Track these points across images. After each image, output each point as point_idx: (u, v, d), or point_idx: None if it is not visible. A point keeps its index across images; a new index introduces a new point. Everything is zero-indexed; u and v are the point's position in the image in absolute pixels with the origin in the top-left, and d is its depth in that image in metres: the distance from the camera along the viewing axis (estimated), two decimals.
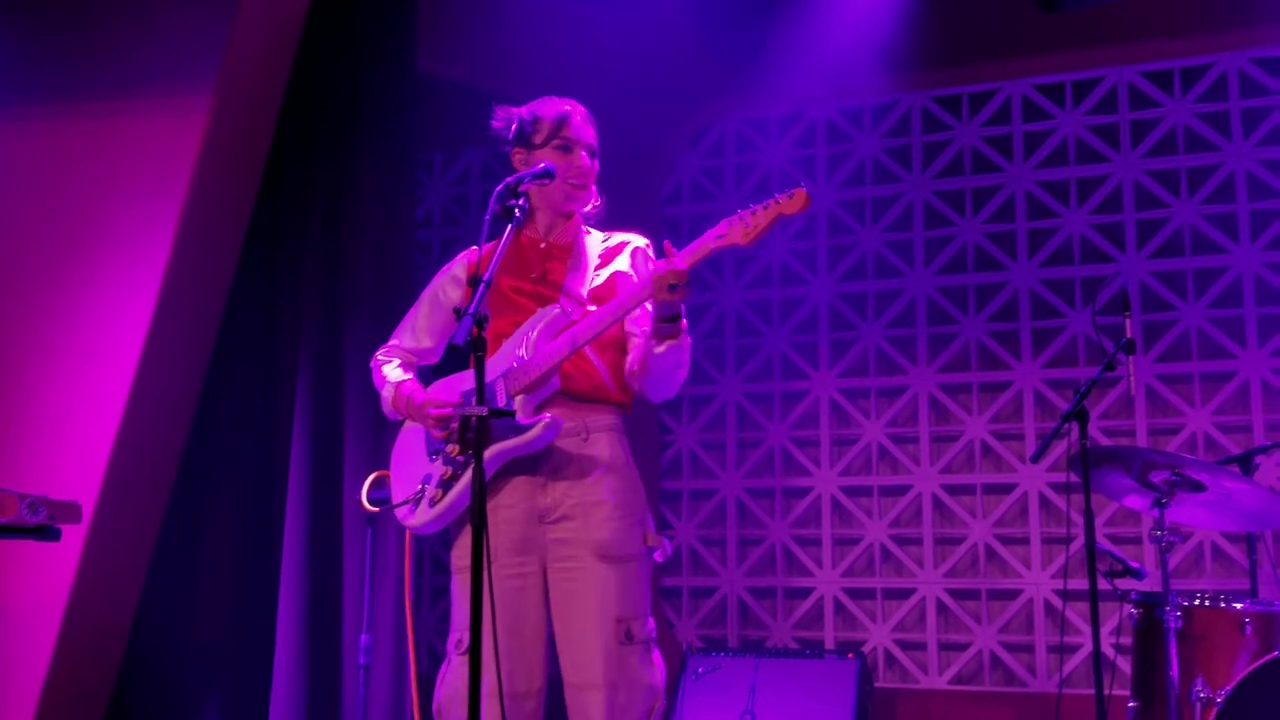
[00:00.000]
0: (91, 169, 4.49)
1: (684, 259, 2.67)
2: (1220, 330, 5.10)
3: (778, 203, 2.62)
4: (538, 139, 2.94)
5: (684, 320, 2.77)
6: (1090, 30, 5.28)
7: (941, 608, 5.33)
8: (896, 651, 5.36)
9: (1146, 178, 5.30)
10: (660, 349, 2.78)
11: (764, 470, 5.70)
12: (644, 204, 5.83)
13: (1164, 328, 5.19)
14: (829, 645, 5.40)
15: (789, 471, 5.66)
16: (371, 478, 3.11)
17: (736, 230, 2.65)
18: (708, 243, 2.68)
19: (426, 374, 3.11)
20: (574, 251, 2.96)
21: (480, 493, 2.39)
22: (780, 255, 5.80)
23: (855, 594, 5.47)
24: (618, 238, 3.02)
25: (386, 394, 3.00)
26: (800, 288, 5.75)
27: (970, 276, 5.50)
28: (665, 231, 5.85)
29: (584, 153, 2.95)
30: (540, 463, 2.81)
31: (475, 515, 2.38)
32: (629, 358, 2.90)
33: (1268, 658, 3.46)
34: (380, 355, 3.10)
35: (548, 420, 2.74)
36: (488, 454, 2.73)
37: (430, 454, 2.91)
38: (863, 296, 5.66)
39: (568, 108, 2.98)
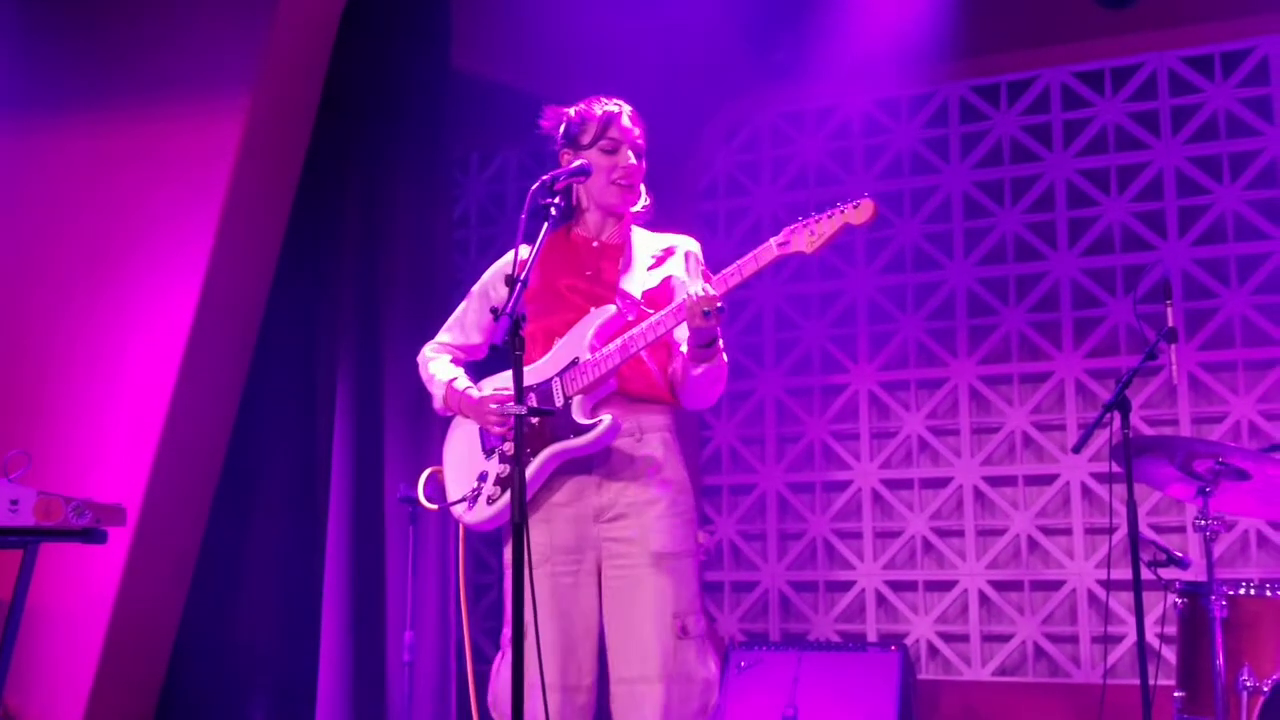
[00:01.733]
0: (130, 171, 4.55)
1: (723, 283, 2.70)
2: (1264, 317, 5.05)
3: (843, 212, 2.64)
4: (584, 139, 2.94)
5: (720, 343, 2.80)
6: (1129, 16, 5.23)
7: (984, 599, 5.31)
8: (939, 643, 5.34)
9: (1188, 164, 5.25)
10: (698, 371, 2.82)
11: (804, 464, 5.70)
12: (679, 199, 5.84)
13: (1207, 315, 5.14)
14: (871, 638, 5.39)
15: (829, 465, 5.65)
16: (425, 474, 3.12)
17: (801, 238, 2.66)
18: (771, 250, 2.70)
19: (472, 371, 3.12)
20: (625, 251, 2.97)
21: (520, 493, 2.41)
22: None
23: (897, 586, 5.46)
24: (668, 240, 3.02)
25: (437, 391, 3.01)
26: (839, 281, 5.74)
27: (1010, 267, 5.48)
28: (700, 227, 5.86)
29: (629, 153, 2.94)
30: (595, 462, 2.83)
31: (515, 514, 2.40)
32: (672, 365, 2.92)
33: None
34: (428, 351, 3.11)
35: (608, 422, 2.76)
36: (546, 453, 2.77)
37: (486, 451, 2.92)
38: (902, 289, 5.64)
39: (614, 107, 2.96)
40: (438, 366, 3.05)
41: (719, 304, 2.67)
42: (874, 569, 5.49)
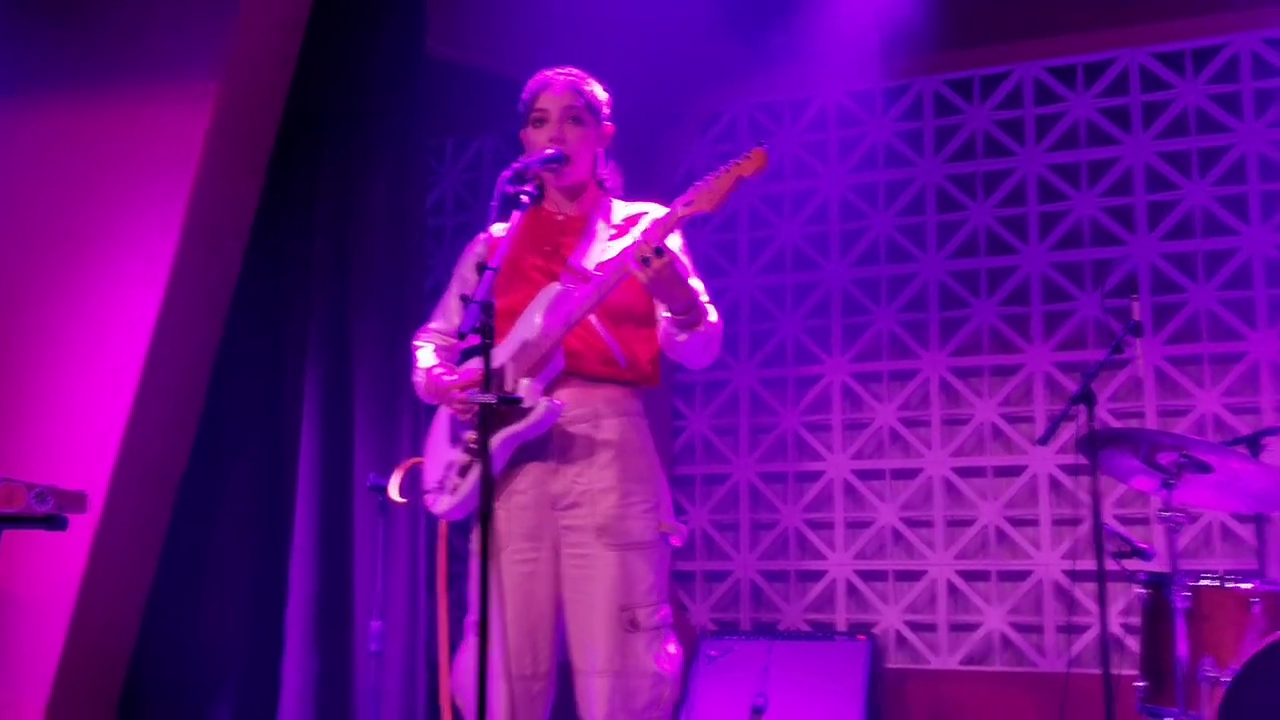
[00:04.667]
0: (98, 157, 4.51)
1: (655, 231, 2.68)
2: (1230, 311, 5.10)
3: (737, 165, 2.62)
4: (525, 116, 2.96)
5: (701, 306, 2.76)
6: (1102, 12, 5.27)
7: (952, 589, 5.36)
8: (907, 633, 5.38)
9: (1158, 160, 5.29)
10: (682, 337, 2.79)
11: (777, 455, 5.72)
12: (655, 187, 5.81)
13: (1174, 309, 5.18)
14: (841, 627, 5.43)
15: (801, 456, 5.68)
16: (406, 466, 3.12)
17: (702, 197, 2.64)
18: (676, 211, 2.68)
19: (461, 357, 3.10)
20: (588, 224, 2.95)
21: (487, 482, 2.42)
22: (793, 240, 5.82)
23: (867, 576, 5.50)
24: (638, 208, 2.96)
25: (418, 379, 3.00)
26: (813, 272, 5.77)
27: (981, 260, 5.51)
28: None
29: (556, 123, 2.90)
30: (551, 448, 2.81)
31: (482, 502, 2.41)
32: (660, 329, 2.88)
33: (1275, 637, 3.47)
34: (416, 340, 3.10)
35: (543, 405, 2.74)
36: (497, 439, 2.73)
37: (452, 440, 2.93)
38: (875, 281, 5.67)
39: (547, 77, 2.94)
40: (422, 354, 3.04)
41: (657, 245, 2.62)
42: (845, 559, 5.52)
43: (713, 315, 2.80)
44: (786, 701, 4.88)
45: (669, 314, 2.76)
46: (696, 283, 2.82)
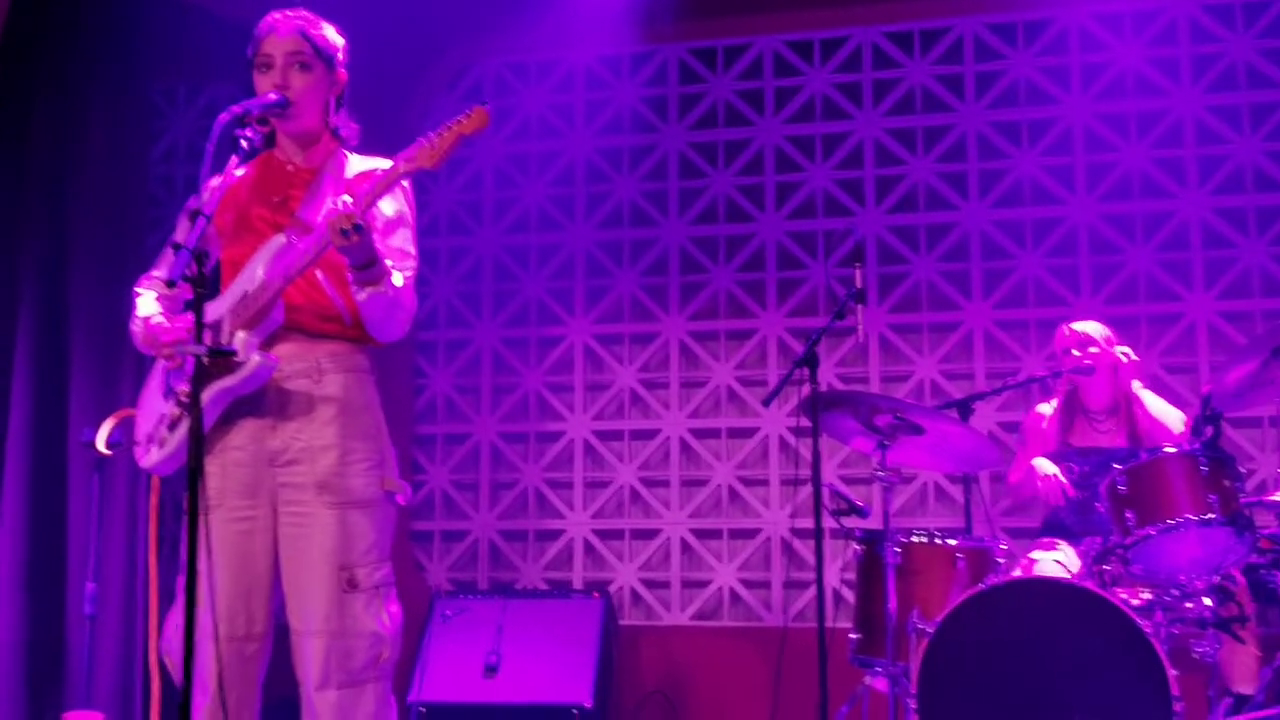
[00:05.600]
0: None
1: (362, 200, 2.61)
2: (948, 283, 5.40)
3: (459, 123, 2.59)
4: (251, 61, 2.84)
5: (382, 264, 2.68)
6: None
7: (685, 547, 5.50)
8: (641, 590, 5.50)
9: (886, 135, 5.53)
10: (362, 296, 2.70)
11: (518, 415, 5.73)
12: (397, 145, 5.71)
13: (898, 279, 5.44)
14: (577, 585, 5.49)
15: (543, 416, 5.71)
16: (116, 418, 2.97)
17: (424, 154, 2.60)
18: (397, 168, 2.63)
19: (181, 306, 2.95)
20: (319, 177, 2.86)
21: (196, 437, 2.33)
22: (538, 201, 5.81)
23: (604, 535, 5.58)
24: (373, 163, 2.87)
25: (135, 328, 2.87)
26: (558, 233, 5.78)
27: (721, 227, 5.65)
28: (417, 173, 5.76)
29: (281, 69, 2.78)
30: (269, 404, 2.73)
31: (191, 458, 2.32)
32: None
33: (975, 589, 3.70)
34: (138, 287, 2.96)
35: (260, 357, 2.66)
36: (208, 394, 2.64)
37: (165, 393, 2.80)
38: (618, 244, 5.73)
39: (274, 20, 2.83)
40: (141, 302, 2.90)
41: (357, 221, 2.55)
42: (583, 518, 5.59)
43: (398, 279, 2.73)
44: (520, 659, 4.91)
45: (348, 268, 2.69)
46: (409, 245, 2.79)
